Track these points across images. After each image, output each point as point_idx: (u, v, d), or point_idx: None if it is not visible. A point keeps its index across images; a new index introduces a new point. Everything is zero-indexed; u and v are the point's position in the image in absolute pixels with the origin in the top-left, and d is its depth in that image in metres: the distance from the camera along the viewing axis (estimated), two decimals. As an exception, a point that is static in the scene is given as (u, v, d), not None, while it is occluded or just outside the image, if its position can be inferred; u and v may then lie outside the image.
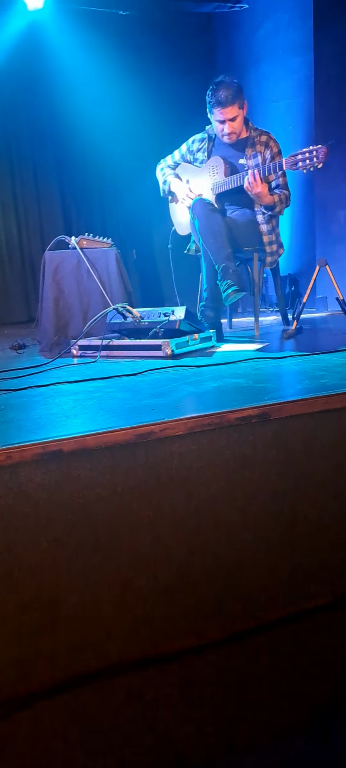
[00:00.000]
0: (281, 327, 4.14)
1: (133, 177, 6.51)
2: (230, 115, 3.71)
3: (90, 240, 3.96)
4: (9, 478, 1.45)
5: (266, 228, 3.84)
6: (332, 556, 1.76)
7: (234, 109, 3.71)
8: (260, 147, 3.77)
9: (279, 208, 3.76)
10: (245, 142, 3.83)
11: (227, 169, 3.80)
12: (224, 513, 1.64)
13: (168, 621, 1.59)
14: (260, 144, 3.78)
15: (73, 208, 6.52)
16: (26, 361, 3.23)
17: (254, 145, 3.79)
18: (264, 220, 3.83)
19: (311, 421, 1.73)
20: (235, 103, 3.69)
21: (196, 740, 1.41)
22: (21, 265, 6.27)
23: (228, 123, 3.74)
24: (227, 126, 3.75)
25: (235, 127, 3.76)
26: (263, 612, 1.68)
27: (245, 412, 1.65)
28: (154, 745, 1.38)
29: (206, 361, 2.81)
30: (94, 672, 1.50)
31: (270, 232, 3.86)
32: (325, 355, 2.57)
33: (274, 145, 3.78)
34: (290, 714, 1.42)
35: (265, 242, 3.87)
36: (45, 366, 2.96)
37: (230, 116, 3.72)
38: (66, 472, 1.50)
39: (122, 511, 1.54)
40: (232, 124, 3.74)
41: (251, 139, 3.82)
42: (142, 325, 3.24)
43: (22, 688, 1.45)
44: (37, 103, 6.11)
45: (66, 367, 2.95)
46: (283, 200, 3.75)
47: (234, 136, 3.79)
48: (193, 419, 1.61)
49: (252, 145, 3.80)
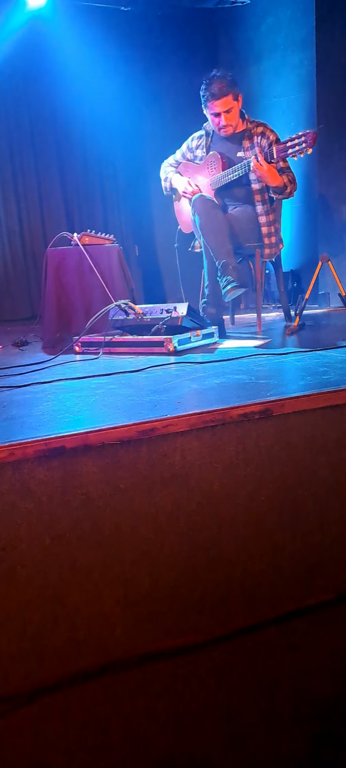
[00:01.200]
0: (284, 323, 4.13)
1: (135, 173, 6.50)
2: (225, 107, 3.71)
3: (92, 236, 3.96)
4: (12, 474, 1.45)
5: (264, 220, 3.83)
6: (334, 552, 1.76)
7: (228, 101, 3.70)
8: (257, 137, 3.76)
9: (290, 189, 3.72)
10: (242, 135, 3.82)
11: (225, 163, 3.80)
12: (226, 509, 1.64)
13: (170, 617, 1.59)
14: (256, 135, 3.77)
15: (75, 204, 6.51)
16: (29, 357, 3.24)
17: (251, 136, 3.79)
18: (263, 212, 3.82)
19: (314, 418, 1.73)
20: (228, 95, 3.69)
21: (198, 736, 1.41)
22: (23, 262, 6.25)
23: (223, 115, 3.74)
24: (223, 118, 3.75)
25: (230, 120, 3.76)
26: (265, 608, 1.68)
27: (248, 408, 1.65)
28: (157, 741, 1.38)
29: (208, 357, 2.81)
30: (96, 668, 1.51)
31: (269, 224, 3.85)
32: (327, 351, 2.57)
33: (271, 133, 3.76)
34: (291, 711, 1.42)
35: (264, 234, 3.86)
36: (47, 363, 2.96)
37: (224, 108, 3.72)
38: (69, 468, 1.50)
39: (125, 508, 1.55)
40: (227, 116, 3.74)
41: (247, 131, 3.82)
42: (145, 322, 3.24)
43: (25, 684, 1.46)
44: (38, 98, 6.10)
45: (68, 364, 2.95)
46: (291, 180, 3.72)
47: (230, 128, 3.79)
48: (195, 415, 1.61)
49: (249, 136, 3.80)
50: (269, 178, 3.60)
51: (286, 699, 1.45)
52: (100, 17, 6.03)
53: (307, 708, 1.42)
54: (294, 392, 1.76)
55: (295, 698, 1.45)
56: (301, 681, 1.51)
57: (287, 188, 3.71)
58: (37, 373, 2.68)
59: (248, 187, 3.81)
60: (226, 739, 1.35)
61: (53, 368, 2.81)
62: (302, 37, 5.56)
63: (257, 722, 1.40)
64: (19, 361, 3.05)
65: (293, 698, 1.45)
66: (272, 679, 1.52)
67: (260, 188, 3.79)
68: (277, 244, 3.94)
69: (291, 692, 1.48)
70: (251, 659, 1.58)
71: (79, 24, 5.86)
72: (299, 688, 1.49)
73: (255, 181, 3.77)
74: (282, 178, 3.67)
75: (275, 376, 2.24)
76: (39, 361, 2.97)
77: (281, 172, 3.71)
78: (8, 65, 5.74)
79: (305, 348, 2.74)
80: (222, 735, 1.36)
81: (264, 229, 3.86)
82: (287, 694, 1.47)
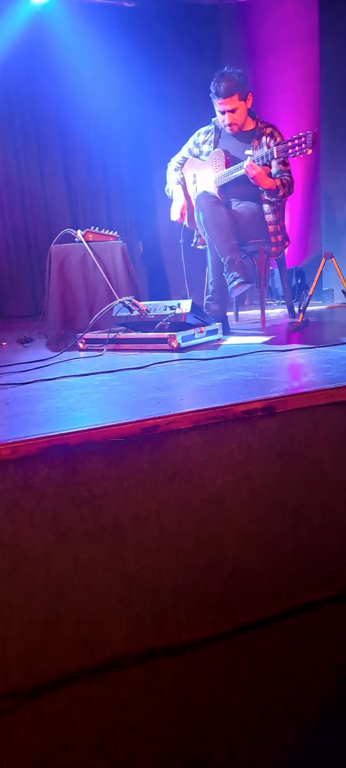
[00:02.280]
0: (287, 320, 4.13)
1: (139, 169, 6.50)
2: (229, 107, 3.72)
3: (96, 233, 3.96)
4: (15, 471, 1.45)
5: (272, 218, 3.85)
6: (337, 548, 1.76)
7: (233, 101, 3.71)
8: (266, 138, 3.77)
9: (282, 192, 3.74)
10: (252, 134, 3.84)
11: (228, 161, 3.81)
12: (229, 506, 1.64)
13: (173, 614, 1.59)
14: (265, 135, 3.79)
15: (79, 201, 6.51)
16: (33, 354, 3.24)
17: (261, 136, 3.80)
18: (270, 210, 3.83)
19: (317, 414, 1.72)
20: (234, 95, 3.70)
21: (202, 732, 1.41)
22: (28, 259, 6.26)
23: (228, 114, 3.75)
24: (227, 117, 3.77)
25: (235, 119, 3.77)
26: (268, 604, 1.68)
27: (251, 405, 1.65)
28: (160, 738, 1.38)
29: (212, 354, 2.81)
30: (99, 665, 1.51)
31: (275, 222, 3.86)
32: (331, 348, 2.56)
33: (278, 135, 3.79)
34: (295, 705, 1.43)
35: (270, 232, 3.87)
36: (51, 360, 2.96)
37: (228, 107, 3.73)
38: (72, 465, 1.50)
39: (128, 505, 1.55)
40: (232, 116, 3.76)
41: (257, 131, 3.83)
42: (149, 319, 3.24)
43: (28, 681, 1.46)
44: (42, 95, 6.10)
45: (72, 361, 2.95)
46: (285, 184, 3.74)
47: (235, 127, 3.80)
48: (198, 412, 1.61)
49: (259, 136, 3.81)
50: (260, 181, 3.64)
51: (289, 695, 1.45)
52: (104, 14, 6.04)
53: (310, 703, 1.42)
54: (297, 389, 1.76)
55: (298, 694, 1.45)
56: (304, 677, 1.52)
57: (279, 191, 3.73)
58: (40, 370, 2.68)
59: (254, 185, 3.82)
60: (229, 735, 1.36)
61: (57, 365, 2.82)
62: (306, 32, 5.55)
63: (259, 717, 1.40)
64: (23, 358, 3.06)
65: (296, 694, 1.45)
66: (275, 675, 1.52)
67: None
68: (283, 241, 3.95)
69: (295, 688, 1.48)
70: (254, 655, 1.59)
71: (82, 20, 5.87)
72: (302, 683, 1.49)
73: None
74: (275, 182, 3.70)
75: (278, 372, 2.23)
76: (43, 358, 2.97)
77: (278, 174, 3.73)
78: (12, 62, 5.75)
79: (309, 344, 2.74)
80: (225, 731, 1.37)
81: (271, 227, 3.87)
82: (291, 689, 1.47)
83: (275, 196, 3.76)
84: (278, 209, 3.87)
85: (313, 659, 1.56)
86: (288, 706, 1.41)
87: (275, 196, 3.77)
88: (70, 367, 2.76)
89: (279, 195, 3.75)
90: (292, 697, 1.44)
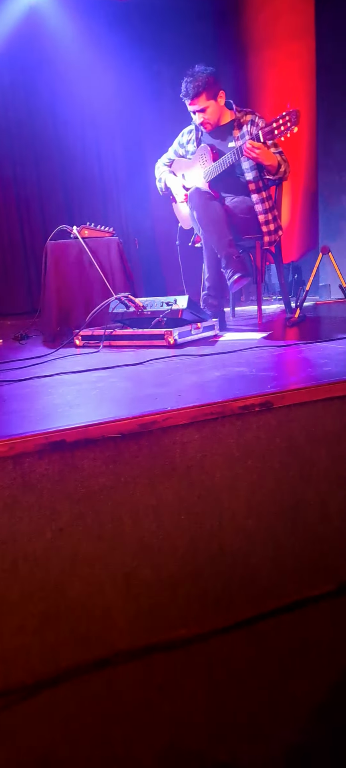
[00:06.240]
0: (285, 315, 4.13)
1: (134, 165, 6.49)
2: (198, 106, 3.72)
3: (92, 229, 3.95)
4: (13, 468, 1.45)
5: (260, 208, 3.80)
6: (335, 543, 1.77)
7: (201, 101, 3.70)
8: (247, 126, 3.70)
9: (284, 168, 3.69)
10: (231, 125, 3.81)
11: (215, 154, 3.78)
12: (227, 502, 1.64)
13: (172, 609, 1.59)
14: (245, 123, 3.72)
15: (74, 197, 6.49)
16: (29, 351, 3.24)
17: (241, 125, 3.76)
18: (259, 200, 3.79)
19: (315, 410, 1.72)
20: (201, 95, 3.68)
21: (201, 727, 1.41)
22: (23, 256, 6.25)
23: (198, 114, 3.75)
24: (198, 117, 3.77)
25: (207, 118, 3.76)
26: (267, 600, 1.68)
27: (248, 400, 1.65)
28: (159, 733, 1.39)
29: (208, 350, 2.81)
30: (98, 660, 1.51)
31: (266, 212, 3.81)
32: (328, 343, 2.57)
33: (259, 120, 3.72)
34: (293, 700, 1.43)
35: (261, 222, 3.82)
36: (48, 356, 2.96)
37: (197, 107, 3.73)
38: (69, 462, 1.50)
39: (126, 501, 1.55)
40: (202, 115, 3.75)
41: (236, 120, 3.80)
42: (145, 315, 3.23)
43: (27, 677, 1.46)
44: (37, 91, 6.08)
45: (69, 358, 2.95)
46: (285, 159, 3.71)
47: (208, 126, 3.79)
48: (196, 408, 1.61)
49: (239, 125, 3.77)
50: (263, 158, 3.57)
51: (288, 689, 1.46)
52: (99, 8, 6.02)
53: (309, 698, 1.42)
54: (295, 384, 1.76)
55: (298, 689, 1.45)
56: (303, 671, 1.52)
57: (281, 167, 3.68)
58: (37, 366, 2.68)
59: (242, 178, 3.79)
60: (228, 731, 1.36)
61: (54, 362, 2.81)
62: (302, 25, 5.54)
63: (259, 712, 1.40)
64: (20, 355, 3.05)
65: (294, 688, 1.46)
66: (274, 670, 1.52)
67: (254, 177, 3.75)
68: (276, 230, 3.89)
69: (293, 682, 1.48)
70: (253, 650, 1.59)
71: (77, 16, 5.85)
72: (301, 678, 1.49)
73: (248, 171, 3.74)
74: (276, 157, 3.66)
75: (275, 368, 2.23)
76: (39, 355, 2.97)
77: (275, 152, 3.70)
78: (7, 58, 5.73)
79: (306, 340, 2.74)
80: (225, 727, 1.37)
81: (261, 217, 3.82)
82: (289, 684, 1.48)
83: (277, 172, 3.70)
84: (269, 198, 3.83)
85: (313, 654, 1.56)
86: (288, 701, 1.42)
87: (276, 173, 3.71)
88: (67, 363, 2.75)
89: (281, 171, 3.70)
90: (292, 692, 1.44)
